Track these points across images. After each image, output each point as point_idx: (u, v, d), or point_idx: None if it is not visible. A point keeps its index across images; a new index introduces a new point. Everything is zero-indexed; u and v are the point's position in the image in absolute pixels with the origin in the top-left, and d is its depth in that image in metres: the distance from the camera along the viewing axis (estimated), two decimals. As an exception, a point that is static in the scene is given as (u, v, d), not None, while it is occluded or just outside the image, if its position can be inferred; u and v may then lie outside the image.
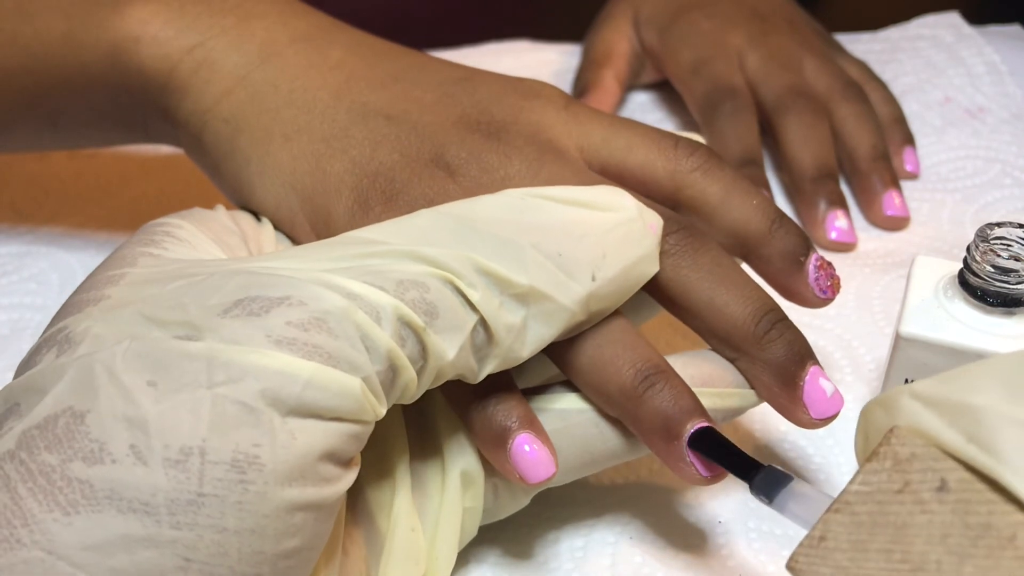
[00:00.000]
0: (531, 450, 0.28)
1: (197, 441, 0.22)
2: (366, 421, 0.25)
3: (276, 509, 0.23)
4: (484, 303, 0.26)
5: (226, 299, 0.24)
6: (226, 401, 0.22)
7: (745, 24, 0.52)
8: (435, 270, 0.26)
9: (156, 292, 0.25)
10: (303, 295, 0.24)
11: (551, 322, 0.27)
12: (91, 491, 0.22)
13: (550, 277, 0.27)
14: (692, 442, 0.27)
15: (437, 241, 0.27)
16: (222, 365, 0.23)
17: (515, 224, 0.27)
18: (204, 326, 0.24)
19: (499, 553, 0.33)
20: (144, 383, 0.23)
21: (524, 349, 0.27)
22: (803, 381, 0.29)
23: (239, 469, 0.22)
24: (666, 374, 0.28)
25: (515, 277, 0.27)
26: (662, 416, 0.28)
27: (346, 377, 0.24)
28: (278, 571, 0.23)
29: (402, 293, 0.25)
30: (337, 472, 0.24)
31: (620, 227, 0.29)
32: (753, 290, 0.30)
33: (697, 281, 0.30)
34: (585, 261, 0.28)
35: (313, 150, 0.33)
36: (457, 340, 0.26)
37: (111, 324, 0.24)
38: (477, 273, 0.26)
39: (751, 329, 0.29)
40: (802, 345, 0.29)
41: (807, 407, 0.29)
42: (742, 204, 0.32)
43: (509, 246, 0.27)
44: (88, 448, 0.22)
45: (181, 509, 0.22)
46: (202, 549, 0.22)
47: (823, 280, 0.32)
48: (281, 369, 0.23)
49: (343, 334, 0.24)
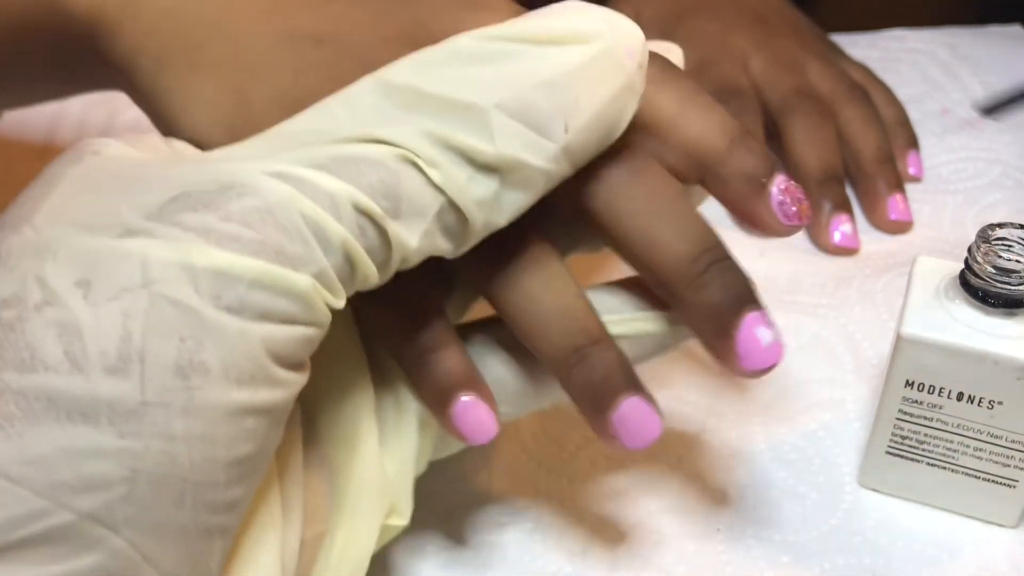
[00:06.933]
0: (474, 412, 0.27)
1: (136, 345, 0.21)
2: (319, 323, 0.24)
3: (226, 414, 0.22)
4: (448, 181, 0.24)
5: (162, 196, 0.23)
6: (164, 301, 0.21)
7: (748, 27, 0.52)
8: (392, 149, 0.24)
9: (88, 199, 0.24)
10: (244, 186, 0.23)
11: (527, 187, 0.26)
12: (25, 402, 0.21)
13: (520, 139, 0.25)
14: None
15: (389, 116, 0.24)
16: (158, 264, 0.21)
17: (472, 82, 0.25)
18: (138, 226, 0.22)
19: (499, 556, 0.32)
20: (75, 285, 0.21)
21: (501, 218, 0.26)
22: (737, 329, 0.27)
23: (183, 374, 0.21)
24: (599, 344, 0.27)
25: (481, 146, 0.24)
26: (591, 390, 0.27)
27: (295, 275, 0.22)
28: (232, 478, 0.22)
29: (356, 178, 0.23)
30: (288, 376, 0.23)
31: (593, 63, 0.25)
32: (692, 225, 0.27)
33: (631, 214, 0.27)
34: (555, 112, 0.25)
35: (236, 80, 0.31)
36: (420, 225, 0.24)
37: (43, 235, 0.23)
38: (438, 147, 0.24)
39: (685, 268, 0.27)
40: (741, 288, 0.27)
41: (740, 357, 0.27)
42: (699, 119, 0.28)
43: (470, 111, 0.24)
44: (19, 356, 0.21)
45: (123, 418, 0.21)
46: (149, 459, 0.21)
47: (788, 205, 0.28)
48: (224, 268, 0.22)
49: (290, 226, 0.23)
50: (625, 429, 0.27)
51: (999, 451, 0.31)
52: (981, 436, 0.31)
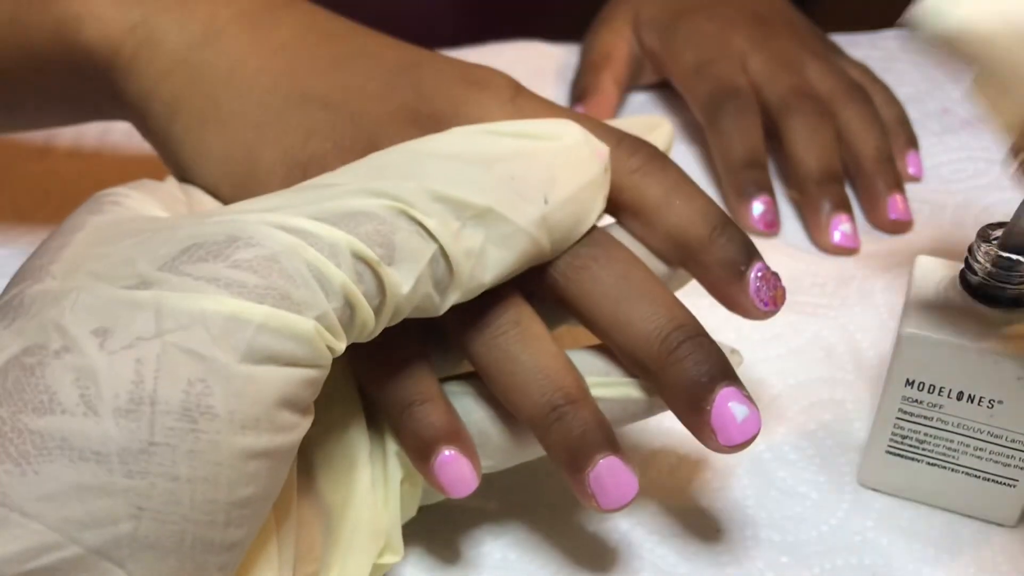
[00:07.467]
0: (456, 467, 0.28)
1: (147, 390, 0.22)
2: (322, 365, 0.24)
3: (229, 457, 0.22)
4: (441, 229, 0.26)
5: (174, 249, 0.24)
6: (175, 349, 0.22)
7: (747, 27, 0.52)
8: (388, 201, 0.25)
9: (105, 251, 0.25)
10: (251, 237, 0.24)
11: (510, 245, 0.27)
12: (42, 441, 0.21)
13: (506, 198, 0.27)
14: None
15: (390, 175, 0.26)
16: (170, 313, 0.23)
17: (467, 154, 0.27)
18: (152, 277, 0.23)
19: (498, 555, 0.32)
20: (92, 334, 0.22)
21: (486, 275, 0.27)
22: (710, 405, 0.27)
23: (190, 418, 0.22)
24: (576, 404, 0.28)
25: (472, 199, 0.26)
26: (568, 448, 0.27)
27: (299, 319, 0.23)
28: (232, 519, 0.23)
29: (354, 227, 0.25)
30: (293, 419, 0.24)
31: (567, 151, 0.28)
32: (661, 304, 0.28)
33: (600, 297, 0.29)
34: (535, 184, 0.27)
35: (245, 138, 0.32)
36: (414, 271, 0.26)
37: (63, 285, 0.24)
38: (433, 200, 0.26)
39: (656, 348, 0.28)
40: (713, 364, 0.28)
41: (715, 432, 0.27)
42: (683, 208, 0.30)
43: (464, 170, 0.27)
44: (38, 399, 0.22)
45: (132, 458, 0.22)
46: (155, 497, 0.22)
47: (764, 292, 0.29)
48: (232, 314, 0.23)
49: (295, 273, 0.24)
50: (600, 488, 0.27)
51: (999, 450, 0.31)
52: (981, 435, 0.31)
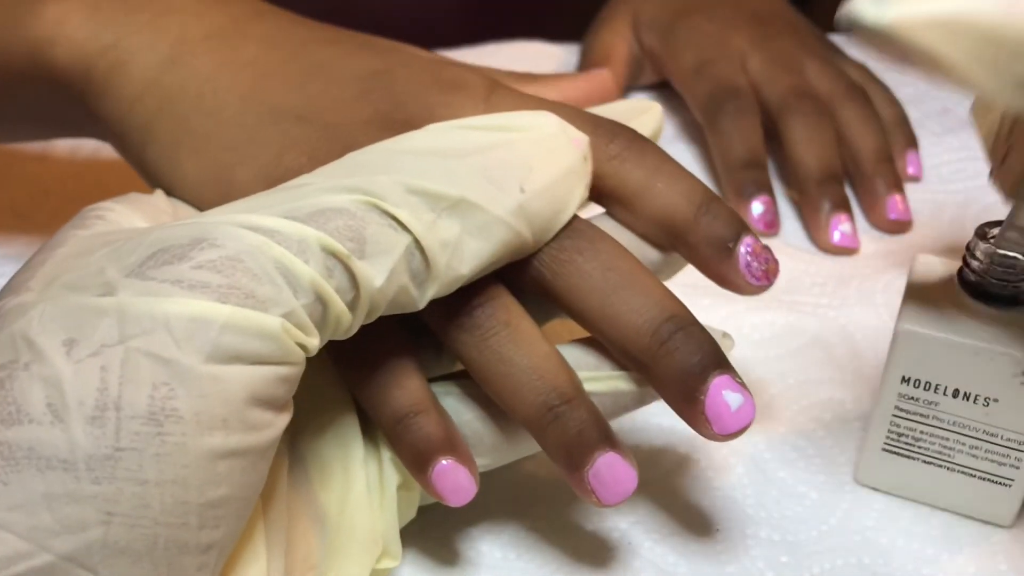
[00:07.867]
0: (453, 476, 0.28)
1: (112, 396, 0.22)
2: (292, 362, 0.24)
3: (197, 458, 0.22)
4: (414, 220, 0.25)
5: (141, 255, 0.24)
6: (139, 354, 0.22)
7: (746, 27, 0.52)
8: (359, 196, 0.25)
9: (81, 262, 0.25)
10: (216, 238, 0.24)
11: (488, 236, 0.27)
12: (10, 452, 0.22)
13: (480, 188, 0.26)
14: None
15: (364, 172, 0.26)
16: (134, 318, 0.22)
17: (442, 148, 0.27)
18: (118, 283, 0.23)
19: (497, 555, 0.32)
20: (59, 343, 0.22)
21: (463, 266, 0.27)
22: (704, 395, 0.27)
23: (156, 422, 0.22)
24: (571, 403, 0.27)
25: (445, 190, 0.26)
26: (565, 448, 0.27)
27: (265, 317, 0.23)
28: (206, 521, 0.23)
29: (324, 223, 0.24)
30: (266, 418, 0.24)
31: (543, 141, 0.28)
32: (649, 295, 0.28)
33: (588, 291, 0.28)
34: (511, 174, 0.27)
35: (219, 159, 0.32)
36: (387, 264, 0.25)
37: (37, 297, 0.24)
38: (406, 192, 0.26)
39: (646, 340, 0.28)
40: (705, 354, 0.27)
41: (709, 422, 0.27)
42: (666, 190, 0.30)
43: (438, 163, 0.26)
44: (6, 411, 0.22)
45: (99, 464, 0.22)
46: (123, 502, 0.22)
47: (756, 266, 0.29)
48: (195, 315, 0.22)
49: (260, 271, 0.23)
50: (600, 484, 0.27)
51: (995, 449, 0.31)
52: (977, 434, 0.31)
